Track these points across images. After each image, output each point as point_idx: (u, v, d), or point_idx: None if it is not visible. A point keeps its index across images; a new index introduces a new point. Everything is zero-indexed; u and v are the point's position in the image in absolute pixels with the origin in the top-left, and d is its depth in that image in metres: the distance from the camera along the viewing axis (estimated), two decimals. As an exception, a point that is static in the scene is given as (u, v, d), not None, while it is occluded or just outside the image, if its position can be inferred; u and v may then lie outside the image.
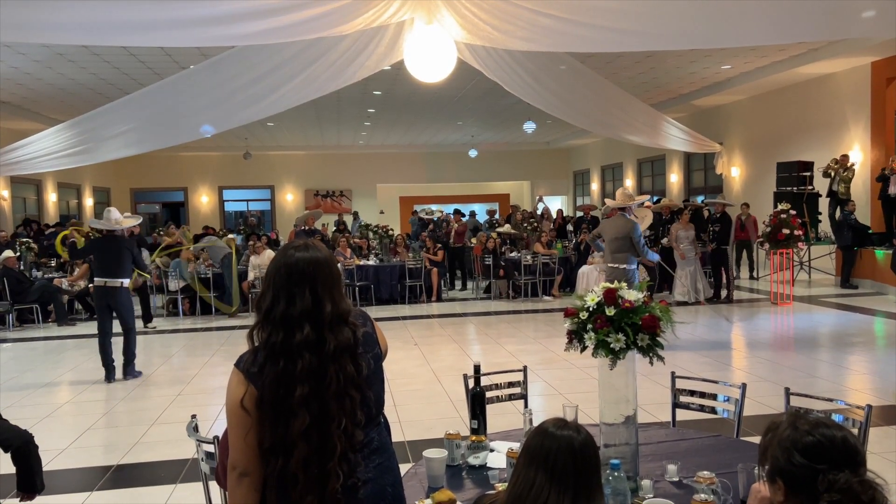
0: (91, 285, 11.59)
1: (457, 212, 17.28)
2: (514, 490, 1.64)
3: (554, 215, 17.69)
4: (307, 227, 12.58)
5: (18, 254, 11.91)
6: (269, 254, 12.33)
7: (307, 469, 1.71)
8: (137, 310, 10.47)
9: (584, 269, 12.04)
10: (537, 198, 20.33)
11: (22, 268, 11.70)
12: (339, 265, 1.98)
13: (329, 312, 1.77)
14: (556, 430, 1.67)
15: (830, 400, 2.95)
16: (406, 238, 14.43)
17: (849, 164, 11.87)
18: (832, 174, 11.93)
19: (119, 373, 7.18)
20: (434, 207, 18.64)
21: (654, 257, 7.82)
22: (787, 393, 2.98)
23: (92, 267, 7.04)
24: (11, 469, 3.10)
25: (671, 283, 11.75)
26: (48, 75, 11.97)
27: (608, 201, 8.49)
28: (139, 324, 9.42)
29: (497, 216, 18.64)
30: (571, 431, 1.67)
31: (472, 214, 19.79)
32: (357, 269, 12.29)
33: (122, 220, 7.53)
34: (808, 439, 1.49)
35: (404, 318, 10.87)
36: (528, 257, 12.32)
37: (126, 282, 7.23)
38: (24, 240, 13.00)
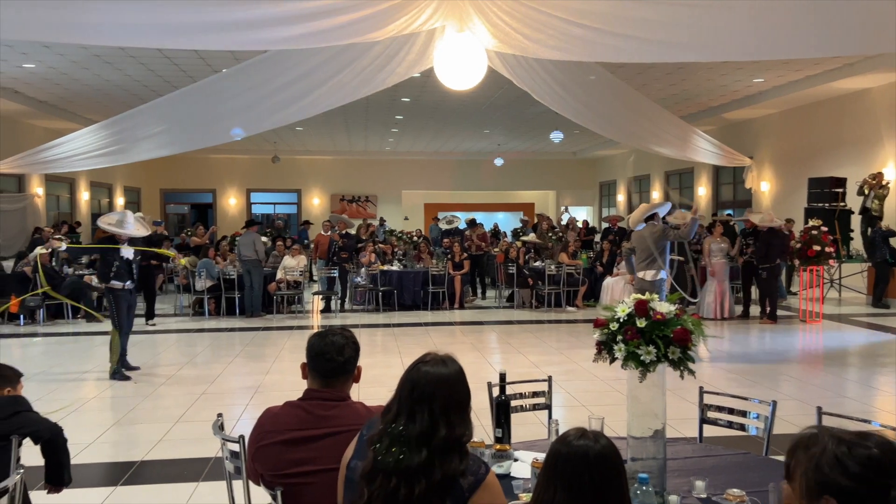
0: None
1: (472, 221, 17.05)
2: None
3: (580, 225, 17.53)
4: (343, 231, 12.68)
5: (50, 250, 12.11)
6: (302, 258, 12.38)
7: None
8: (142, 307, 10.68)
9: (608, 280, 11.95)
10: (563, 208, 20.19)
11: (54, 264, 11.91)
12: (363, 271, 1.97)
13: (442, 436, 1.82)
14: (573, 439, 1.62)
15: (865, 421, 2.88)
16: (428, 245, 14.40)
17: (884, 182, 11.64)
18: (866, 191, 11.70)
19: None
20: (459, 215, 18.43)
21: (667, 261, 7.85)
22: (820, 412, 2.92)
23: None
24: (39, 460, 3.14)
25: (696, 298, 11.60)
26: (85, 76, 12.21)
27: (631, 217, 8.35)
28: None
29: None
30: (588, 441, 1.60)
31: (495, 227, 19.69)
32: (381, 274, 12.33)
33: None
34: (871, 452, 1.40)
35: (427, 324, 10.86)
36: (553, 267, 12.26)
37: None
38: (58, 236, 13.21)
